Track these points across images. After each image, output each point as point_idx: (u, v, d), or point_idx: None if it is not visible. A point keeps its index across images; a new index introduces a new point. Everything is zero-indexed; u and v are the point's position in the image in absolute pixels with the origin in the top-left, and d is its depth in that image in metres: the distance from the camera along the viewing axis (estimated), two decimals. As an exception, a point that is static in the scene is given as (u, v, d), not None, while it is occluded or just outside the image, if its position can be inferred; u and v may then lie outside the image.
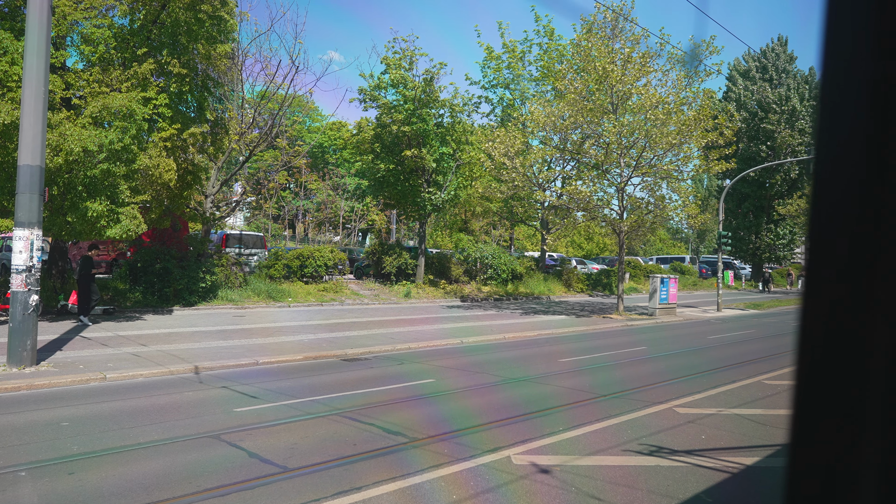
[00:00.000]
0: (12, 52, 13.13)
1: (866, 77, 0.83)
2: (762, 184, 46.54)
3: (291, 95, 24.60)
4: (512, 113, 32.16)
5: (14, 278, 10.21)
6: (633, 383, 10.53)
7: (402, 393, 9.46)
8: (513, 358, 13.29)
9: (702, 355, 14.39)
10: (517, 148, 23.60)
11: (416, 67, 26.36)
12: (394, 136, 26.83)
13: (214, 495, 5.22)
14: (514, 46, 33.67)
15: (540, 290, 31.57)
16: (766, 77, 48.32)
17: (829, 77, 0.88)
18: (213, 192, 23.25)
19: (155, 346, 12.70)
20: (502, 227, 46.19)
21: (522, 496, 5.41)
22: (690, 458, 6.44)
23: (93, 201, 13.34)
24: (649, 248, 70.11)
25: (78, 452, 6.28)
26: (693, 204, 23.90)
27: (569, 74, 23.06)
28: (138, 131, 13.85)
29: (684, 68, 22.56)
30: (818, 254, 0.89)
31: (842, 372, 0.86)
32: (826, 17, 0.89)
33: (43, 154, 10.34)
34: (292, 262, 24.62)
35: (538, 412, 8.45)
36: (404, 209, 29.91)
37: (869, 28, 0.84)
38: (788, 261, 51.69)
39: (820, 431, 0.89)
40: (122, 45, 15.46)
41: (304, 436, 7.05)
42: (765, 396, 9.82)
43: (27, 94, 10.16)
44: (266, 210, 45.88)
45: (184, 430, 7.16)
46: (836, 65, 0.87)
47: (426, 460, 6.23)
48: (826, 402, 0.88)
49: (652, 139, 21.17)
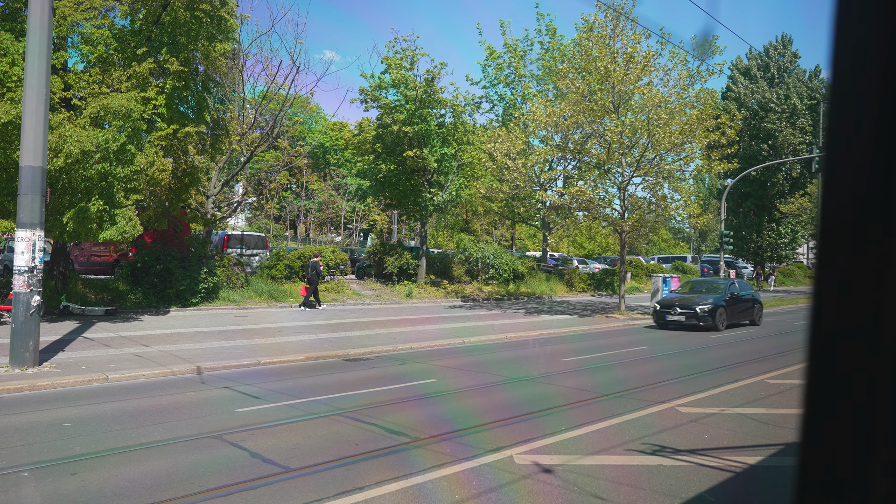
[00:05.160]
0: (12, 53, 13.14)
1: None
2: (763, 183, 46.46)
3: (293, 96, 24.62)
4: (513, 112, 32.15)
5: (16, 279, 10.21)
6: (635, 383, 10.52)
7: (404, 393, 9.46)
8: (515, 358, 13.28)
9: (704, 354, 14.37)
10: (519, 148, 23.59)
11: (417, 67, 26.36)
12: (395, 137, 26.82)
13: (217, 495, 5.21)
14: (516, 45, 33.67)
15: (541, 289, 31.55)
16: (767, 76, 48.25)
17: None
18: (215, 193, 23.27)
19: (157, 346, 12.70)
20: (504, 226, 46.18)
21: (525, 496, 5.40)
22: (693, 458, 6.43)
23: (88, 202, 13.32)
24: (651, 248, 70.07)
25: (81, 453, 6.28)
26: (695, 204, 23.89)
27: (570, 74, 23.05)
28: (135, 131, 13.82)
29: (686, 67, 22.52)
30: (829, 234, 0.88)
31: (852, 366, 0.85)
32: (836, 18, 0.88)
33: (45, 155, 10.34)
34: (294, 263, 24.63)
35: (540, 412, 8.44)
36: (406, 209, 29.91)
37: (878, 29, 0.83)
38: (791, 259, 51.61)
39: (829, 428, 0.88)
40: (122, 46, 15.47)
41: (306, 436, 7.05)
42: (767, 396, 9.80)
43: (28, 95, 10.16)
44: (267, 210, 45.91)
45: (186, 430, 7.16)
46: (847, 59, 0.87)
47: (428, 460, 6.22)
48: (836, 398, 0.87)
49: (654, 139, 21.15)
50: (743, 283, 22.23)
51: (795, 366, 12.36)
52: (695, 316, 18.57)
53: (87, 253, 23.56)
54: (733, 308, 19.73)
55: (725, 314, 19.04)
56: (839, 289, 0.86)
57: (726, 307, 19.22)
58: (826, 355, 0.89)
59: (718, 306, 18.92)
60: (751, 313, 20.88)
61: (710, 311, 18.60)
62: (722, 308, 18.99)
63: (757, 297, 21.72)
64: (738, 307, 20.19)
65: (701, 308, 18.62)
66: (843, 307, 0.86)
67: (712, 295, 19.70)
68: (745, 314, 20.64)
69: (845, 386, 0.86)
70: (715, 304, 18.91)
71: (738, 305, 20.22)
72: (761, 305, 21.66)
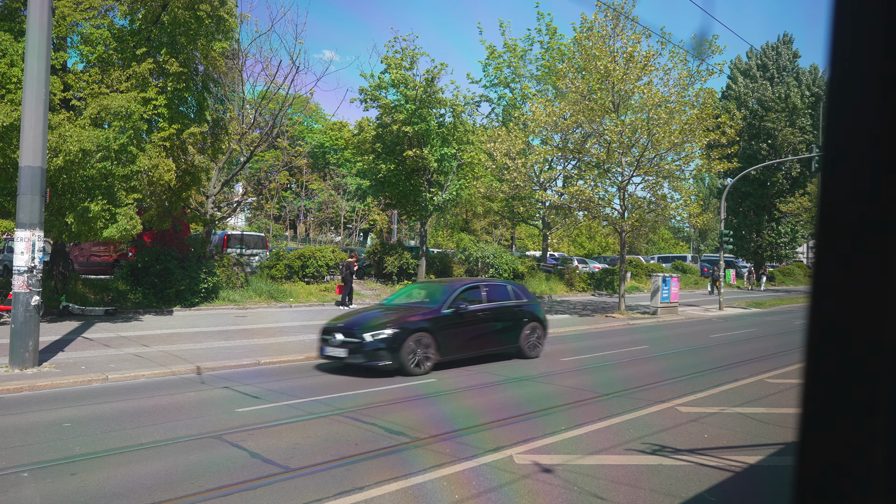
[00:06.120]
0: (11, 54, 13.14)
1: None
2: (763, 182, 46.46)
3: (292, 96, 24.61)
4: (513, 112, 32.15)
5: (16, 279, 10.21)
6: (635, 382, 10.52)
7: (403, 393, 9.46)
8: (514, 357, 13.26)
9: (704, 354, 14.37)
10: (519, 148, 23.60)
11: (416, 67, 26.35)
12: (395, 136, 26.82)
13: (217, 495, 5.21)
14: (515, 45, 33.66)
15: (541, 289, 31.55)
16: (766, 75, 48.25)
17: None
18: (215, 193, 23.26)
19: (156, 346, 12.70)
20: (504, 226, 46.18)
21: (525, 496, 5.39)
22: (693, 457, 6.43)
23: (90, 201, 13.34)
24: (651, 248, 70.08)
25: (80, 453, 6.28)
26: (695, 203, 23.90)
27: (570, 73, 23.05)
28: (136, 131, 13.84)
29: (685, 66, 22.52)
30: (828, 223, 0.88)
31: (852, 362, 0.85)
32: (833, 16, 0.88)
33: (44, 155, 10.35)
34: (294, 263, 24.62)
35: (540, 411, 8.44)
36: (405, 209, 29.90)
37: (876, 26, 0.83)
38: (790, 259, 51.60)
39: (828, 428, 0.88)
40: (121, 46, 15.47)
41: (305, 436, 7.05)
42: (767, 395, 9.80)
43: (28, 96, 10.17)
44: (267, 210, 45.90)
45: (186, 430, 7.16)
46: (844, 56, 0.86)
47: (428, 460, 6.22)
48: (835, 397, 0.87)
49: (654, 138, 21.15)
50: (519, 287, 13.84)
51: (795, 365, 12.36)
52: (360, 349, 10.54)
53: (86, 253, 23.55)
54: (466, 331, 11.72)
55: (434, 344, 10.99)
56: (838, 288, 0.86)
57: (439, 330, 11.15)
58: (825, 354, 0.88)
59: (414, 331, 10.82)
60: (515, 337, 12.61)
61: (387, 340, 10.52)
62: (421, 334, 10.86)
63: (537, 312, 13.33)
64: (483, 328, 12.12)
65: (374, 336, 10.54)
66: (842, 306, 0.86)
67: (420, 310, 11.60)
68: (499, 339, 12.49)
69: (844, 385, 0.85)
70: (405, 329, 10.73)
71: (481, 326, 12.08)
72: (543, 325, 13.28)
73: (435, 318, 11.28)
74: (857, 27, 0.85)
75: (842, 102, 0.86)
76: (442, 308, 11.51)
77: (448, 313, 11.48)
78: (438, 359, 11.10)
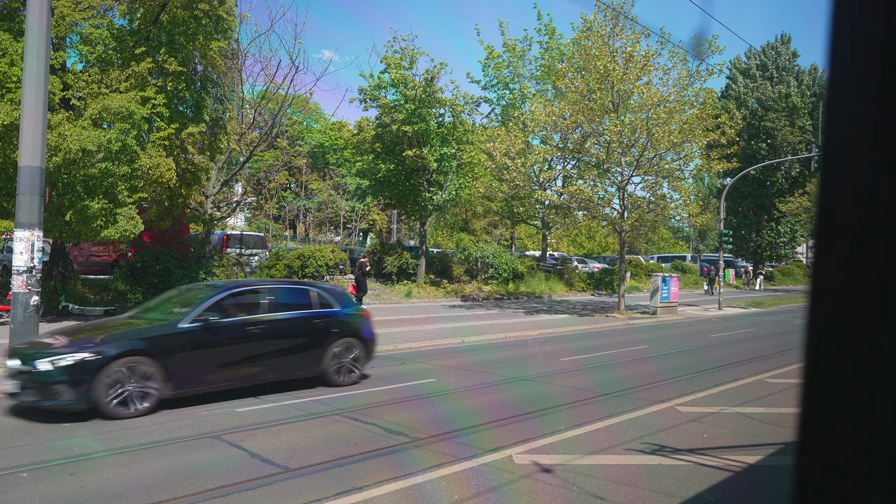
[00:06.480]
0: (11, 54, 13.14)
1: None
2: (763, 182, 46.48)
3: (292, 96, 24.60)
4: (512, 112, 32.14)
5: (15, 279, 10.20)
6: (634, 382, 10.52)
7: (403, 392, 9.46)
8: (514, 357, 13.28)
9: (703, 354, 14.37)
10: (518, 147, 23.59)
11: (416, 67, 26.35)
12: (394, 136, 26.81)
13: (216, 495, 5.21)
14: (514, 45, 33.64)
15: (541, 289, 31.55)
16: (766, 75, 48.27)
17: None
18: (214, 193, 23.25)
19: (156, 346, 12.68)
20: (503, 226, 46.19)
21: (524, 496, 5.39)
22: (693, 457, 6.43)
23: (91, 200, 13.34)
24: (651, 247, 70.09)
25: (79, 453, 6.28)
26: (694, 203, 23.90)
27: (569, 73, 23.05)
28: (138, 131, 13.86)
29: (685, 66, 22.52)
30: (827, 222, 0.88)
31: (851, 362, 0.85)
32: (832, 18, 0.88)
33: (44, 155, 10.33)
34: (293, 263, 24.60)
35: (540, 411, 8.44)
36: (405, 209, 29.90)
37: (875, 28, 0.83)
38: (790, 259, 51.61)
39: (828, 427, 0.88)
40: (120, 46, 15.47)
41: (305, 436, 7.05)
42: (767, 395, 9.80)
43: (27, 96, 10.15)
44: (267, 210, 45.88)
45: (185, 430, 7.16)
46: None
47: (428, 460, 6.22)
48: (835, 397, 0.87)
49: (653, 138, 21.15)
50: (331, 292, 10.51)
51: (794, 365, 12.36)
52: (34, 381, 7.48)
53: (86, 253, 23.54)
54: (222, 353, 8.57)
55: (160, 373, 7.86)
56: (838, 289, 0.86)
57: (169, 354, 8.03)
58: (825, 355, 0.88)
59: (121, 355, 7.68)
60: (316, 358, 9.56)
61: (71, 369, 7.39)
62: (134, 359, 7.73)
63: (355, 324, 10.27)
64: (254, 348, 8.91)
65: (53, 363, 7.42)
66: (842, 307, 0.86)
67: (144, 325, 8.54)
68: (285, 362, 9.27)
69: (844, 386, 0.85)
70: (102, 353, 7.60)
71: (252, 345, 8.89)
72: (364, 341, 10.28)
73: (164, 337, 8.13)
74: (856, 29, 0.85)
75: (841, 104, 0.86)
76: (181, 322, 8.32)
77: (189, 328, 8.30)
78: (168, 393, 7.95)
